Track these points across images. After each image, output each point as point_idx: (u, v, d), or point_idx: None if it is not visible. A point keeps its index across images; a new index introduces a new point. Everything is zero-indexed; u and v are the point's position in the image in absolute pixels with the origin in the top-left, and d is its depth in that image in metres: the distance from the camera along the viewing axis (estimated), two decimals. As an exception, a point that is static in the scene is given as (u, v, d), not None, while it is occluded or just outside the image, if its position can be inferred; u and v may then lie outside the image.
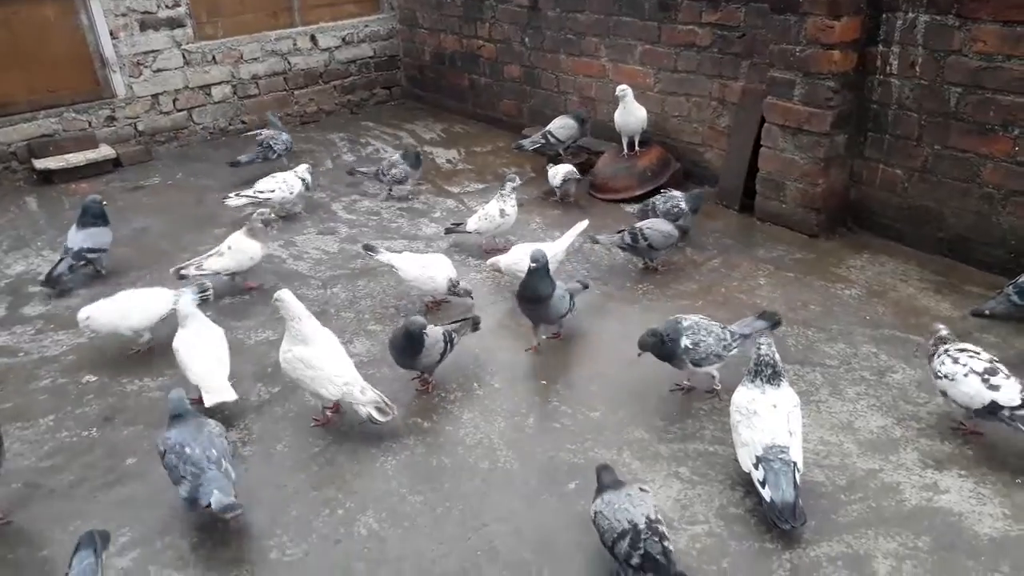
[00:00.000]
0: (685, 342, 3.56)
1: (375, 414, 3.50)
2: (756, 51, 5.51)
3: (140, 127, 7.68)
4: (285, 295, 3.68)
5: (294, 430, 3.69)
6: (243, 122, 8.20)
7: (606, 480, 2.92)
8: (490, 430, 3.64)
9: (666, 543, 2.69)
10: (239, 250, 4.80)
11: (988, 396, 3.19)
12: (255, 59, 8.15)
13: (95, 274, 5.24)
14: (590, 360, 4.13)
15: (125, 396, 4.03)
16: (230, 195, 5.69)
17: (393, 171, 6.21)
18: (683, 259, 5.10)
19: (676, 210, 5.07)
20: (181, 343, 3.85)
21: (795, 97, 5.07)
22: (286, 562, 3.00)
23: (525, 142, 6.53)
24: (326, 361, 3.58)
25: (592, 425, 3.64)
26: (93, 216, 5.13)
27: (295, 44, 8.37)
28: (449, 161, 7.25)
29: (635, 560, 2.66)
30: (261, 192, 5.70)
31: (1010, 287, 4.13)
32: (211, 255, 4.81)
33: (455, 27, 8.19)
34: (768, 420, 3.06)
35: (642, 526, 2.70)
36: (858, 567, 2.84)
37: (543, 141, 6.41)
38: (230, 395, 3.70)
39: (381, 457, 3.51)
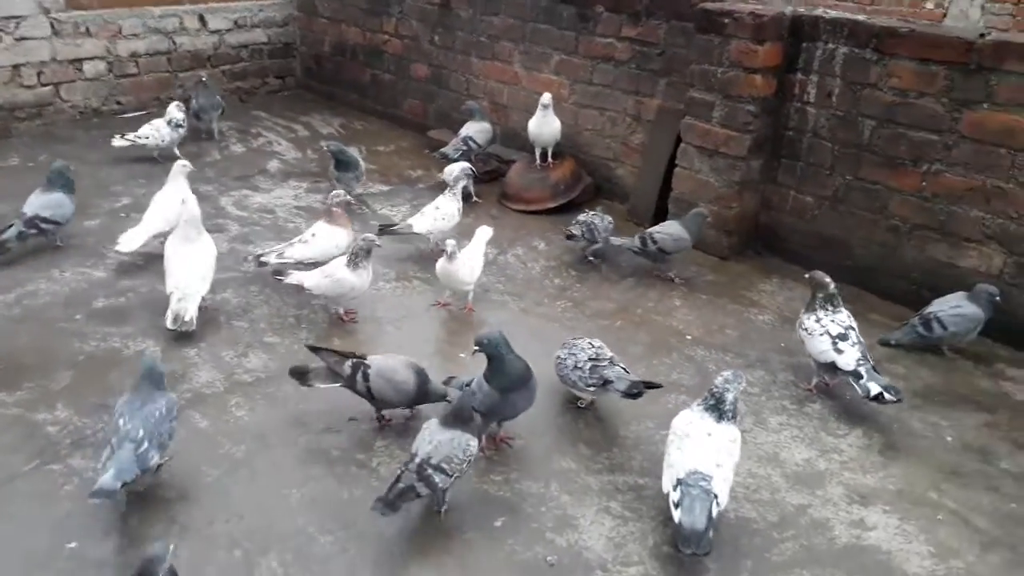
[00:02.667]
0: (558, 351, 3.68)
1: (169, 320, 3.99)
2: (675, 70, 5.46)
3: (-3, 100, 6.85)
4: (189, 200, 4.46)
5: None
6: (119, 103, 7.48)
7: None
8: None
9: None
10: (322, 237, 4.60)
11: (831, 357, 3.74)
12: (135, 35, 7.44)
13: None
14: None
15: None
16: (116, 136, 6.05)
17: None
18: (598, 277, 4.97)
19: (612, 226, 5.02)
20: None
21: (714, 119, 5.05)
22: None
23: (448, 150, 6.11)
24: (175, 263, 4.15)
25: (515, 454, 3.41)
26: (56, 182, 4.91)
27: (182, 23, 7.72)
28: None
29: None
30: (139, 137, 6.14)
31: (916, 318, 4.25)
32: (294, 243, 4.63)
33: (358, 19, 7.79)
34: (698, 446, 2.94)
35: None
36: (796, 610, 2.75)
37: (465, 148, 6.07)
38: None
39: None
